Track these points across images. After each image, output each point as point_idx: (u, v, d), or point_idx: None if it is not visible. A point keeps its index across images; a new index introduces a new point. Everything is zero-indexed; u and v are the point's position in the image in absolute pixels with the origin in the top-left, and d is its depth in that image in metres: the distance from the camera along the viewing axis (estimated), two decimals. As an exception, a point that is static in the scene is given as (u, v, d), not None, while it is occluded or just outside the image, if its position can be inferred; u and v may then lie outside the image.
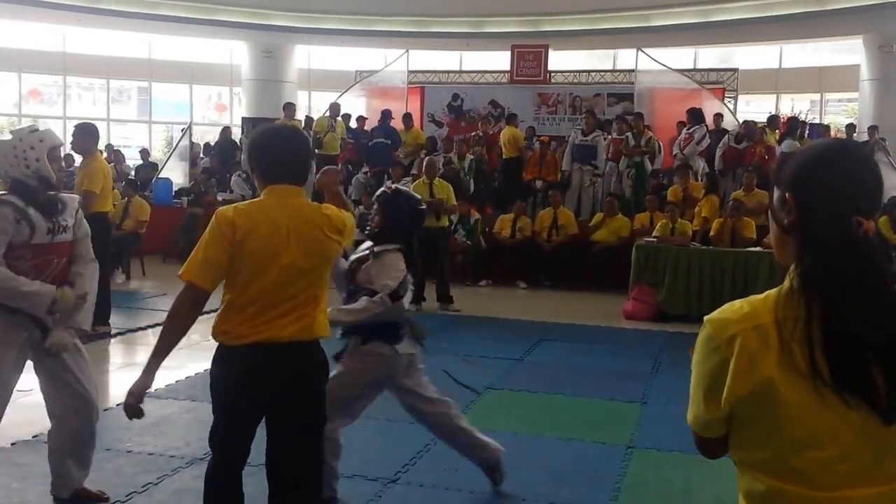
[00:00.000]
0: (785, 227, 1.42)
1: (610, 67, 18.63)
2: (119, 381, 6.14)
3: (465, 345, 7.47)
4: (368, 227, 3.83)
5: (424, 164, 9.76)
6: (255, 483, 3.07)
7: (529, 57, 15.65)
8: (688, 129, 12.37)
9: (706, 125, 12.39)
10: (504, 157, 12.75)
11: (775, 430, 1.38)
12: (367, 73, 16.79)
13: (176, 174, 15.49)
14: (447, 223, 9.39)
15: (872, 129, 13.34)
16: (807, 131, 13.66)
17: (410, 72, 15.96)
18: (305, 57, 21.30)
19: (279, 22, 18.95)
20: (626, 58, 17.67)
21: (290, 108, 13.81)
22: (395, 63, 16.11)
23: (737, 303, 1.46)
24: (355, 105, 15.84)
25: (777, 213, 1.44)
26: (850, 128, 13.63)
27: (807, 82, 18.38)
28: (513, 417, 5.46)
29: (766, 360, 1.35)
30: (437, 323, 8.51)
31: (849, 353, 1.30)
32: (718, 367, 1.41)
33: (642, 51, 14.87)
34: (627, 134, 11.88)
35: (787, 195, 1.41)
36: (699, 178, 11.60)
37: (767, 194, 6.37)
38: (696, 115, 12.42)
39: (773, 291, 1.41)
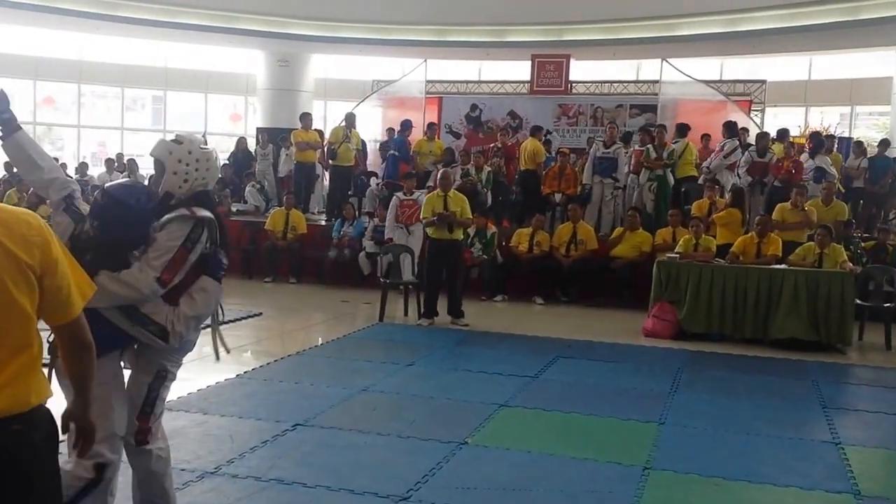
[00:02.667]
0: None
1: (633, 78, 18.66)
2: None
3: (479, 361, 7.49)
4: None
5: (439, 176, 9.81)
6: None
7: (550, 67, 15.72)
8: (720, 143, 12.36)
9: (738, 139, 12.34)
10: (522, 168, 12.76)
11: None
12: (384, 82, 16.91)
13: (189, 184, 15.60)
14: (460, 236, 9.42)
15: (906, 144, 13.28)
16: (835, 145, 13.59)
17: (428, 81, 16.05)
18: (322, 66, 21.50)
19: (296, 30, 19.12)
20: (649, 68, 17.67)
21: (306, 117, 13.90)
22: (412, 73, 16.21)
23: None
24: (372, 115, 15.95)
25: None
26: (884, 144, 13.50)
27: (837, 95, 18.29)
28: (526, 436, 5.45)
29: None
30: (450, 338, 8.57)
31: None
32: None
33: (667, 61, 14.87)
34: (648, 146, 11.87)
35: None
36: (725, 193, 11.57)
37: (814, 210, 6.41)
38: (730, 129, 12.40)
39: None
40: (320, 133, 13.94)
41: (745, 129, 13.44)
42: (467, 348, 8.12)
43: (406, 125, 13.78)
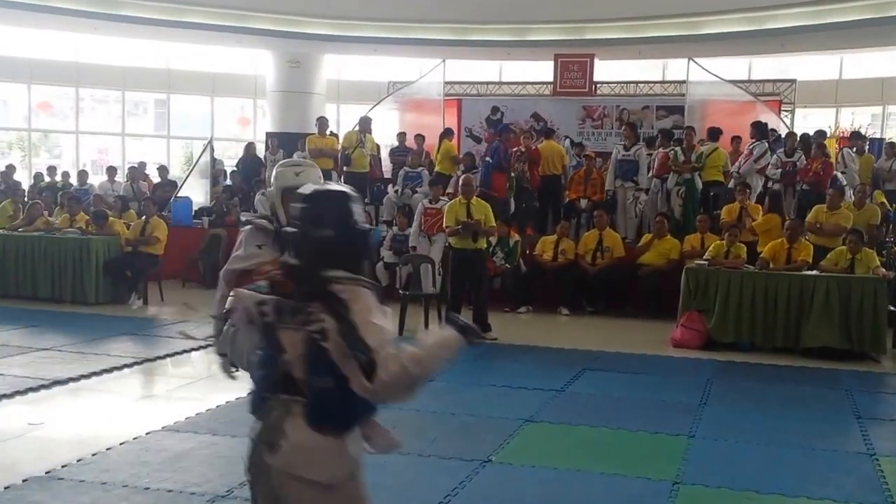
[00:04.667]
0: None
1: (659, 78, 18.75)
2: (138, 412, 6.31)
3: (503, 375, 7.64)
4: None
5: (461, 182, 9.92)
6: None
7: (574, 67, 15.83)
8: (749, 145, 12.44)
9: (768, 141, 12.42)
10: (541, 174, 12.87)
11: None
12: (401, 84, 17.02)
13: (196, 193, 15.85)
14: (484, 245, 9.56)
15: (938, 146, 13.32)
16: (867, 146, 13.67)
17: (447, 83, 16.16)
18: (335, 67, 21.61)
19: (307, 30, 19.20)
20: (676, 68, 17.78)
21: (322, 122, 14.01)
22: (430, 74, 16.31)
23: None
24: (388, 119, 16.05)
25: None
26: (917, 144, 13.57)
27: (868, 94, 18.33)
28: (553, 452, 5.60)
29: None
30: (473, 352, 8.63)
31: None
32: None
33: (694, 60, 14.98)
34: (676, 149, 11.98)
35: None
36: (755, 197, 11.68)
37: (850, 215, 6.54)
38: (760, 130, 12.45)
39: None
40: (335, 137, 14.05)
41: (774, 131, 13.52)
42: (490, 362, 8.28)
43: (504, 128, 13.51)
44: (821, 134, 12.93)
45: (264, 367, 2.47)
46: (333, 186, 2.65)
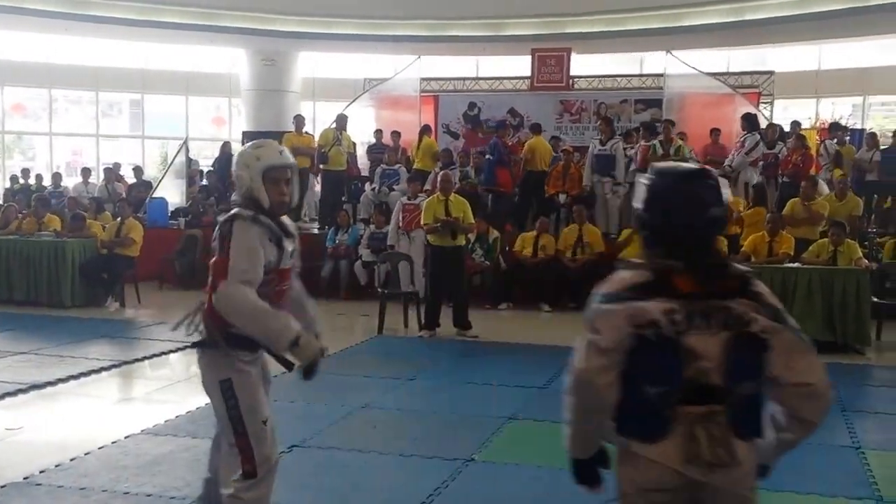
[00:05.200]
0: None
1: (637, 72, 18.74)
2: (116, 416, 6.23)
3: (484, 373, 7.58)
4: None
5: (439, 178, 9.86)
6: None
7: (551, 61, 15.80)
8: (741, 137, 12.45)
9: (759, 133, 12.42)
10: (529, 170, 12.85)
11: None
12: (377, 81, 16.95)
13: (172, 193, 15.71)
14: (464, 242, 9.50)
15: (919, 135, 13.38)
16: (847, 137, 13.73)
17: (423, 79, 16.10)
18: (310, 65, 21.51)
19: (282, 27, 19.12)
20: (654, 62, 17.79)
21: (299, 119, 13.95)
22: (406, 70, 16.24)
23: None
24: (364, 116, 15.98)
25: None
26: (898, 134, 13.65)
27: (848, 84, 18.41)
28: (536, 450, 5.52)
29: None
30: (453, 350, 8.67)
31: None
32: None
33: (671, 53, 14.98)
34: (655, 142, 11.97)
35: None
36: (748, 190, 11.70)
37: (825, 204, 6.54)
38: (750, 122, 12.45)
39: None
40: (311, 136, 13.97)
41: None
42: (471, 360, 8.22)
43: (501, 125, 13.58)
44: (796, 125, 12.95)
45: (663, 381, 2.21)
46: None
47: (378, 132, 14.47)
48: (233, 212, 3.29)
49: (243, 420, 3.24)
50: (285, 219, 3.42)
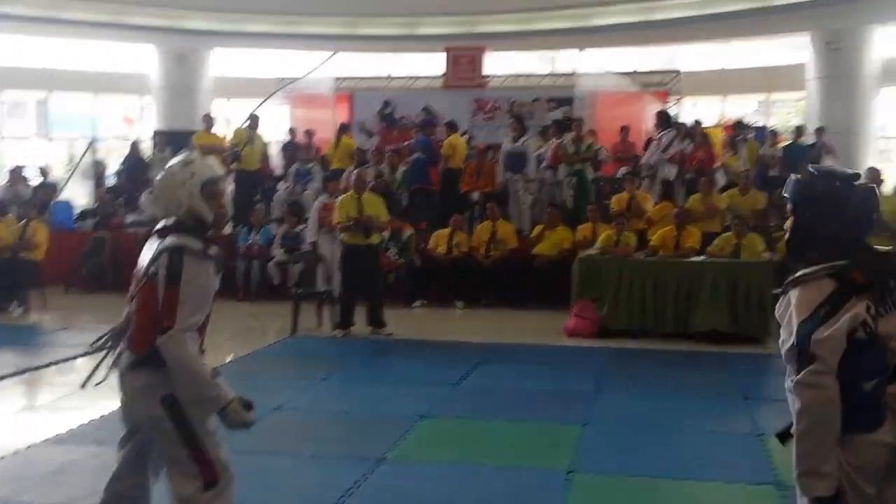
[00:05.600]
0: None
1: (549, 71, 18.97)
2: (21, 424, 6.03)
3: (397, 371, 7.57)
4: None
5: (354, 176, 9.81)
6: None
7: (464, 60, 15.88)
8: (657, 135, 12.70)
9: (675, 129, 12.68)
10: (446, 168, 12.89)
11: None
12: (291, 79, 16.77)
13: (79, 195, 15.25)
14: (378, 241, 9.46)
15: (819, 131, 13.90)
16: (751, 134, 14.18)
17: (337, 78, 16.00)
18: (223, 62, 21.11)
19: (193, 24, 18.71)
20: (566, 61, 18.04)
21: (208, 118, 13.73)
22: (321, 69, 16.12)
23: None
24: (278, 114, 15.80)
25: None
26: (799, 130, 14.16)
27: (753, 83, 18.99)
28: (448, 447, 5.56)
29: None
30: (367, 349, 8.63)
31: None
32: None
33: (582, 52, 15.20)
34: (566, 140, 12.14)
35: None
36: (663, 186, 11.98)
37: (724, 199, 6.80)
38: (665, 119, 12.70)
39: None
40: (222, 135, 13.76)
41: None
42: (385, 358, 8.19)
43: (428, 123, 13.52)
44: (698, 123, 13.31)
45: (876, 373, 2.40)
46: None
47: (292, 131, 14.31)
48: (179, 242, 3.11)
49: (196, 433, 3.13)
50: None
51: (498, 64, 17.64)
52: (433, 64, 17.14)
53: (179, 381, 3.06)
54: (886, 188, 10.03)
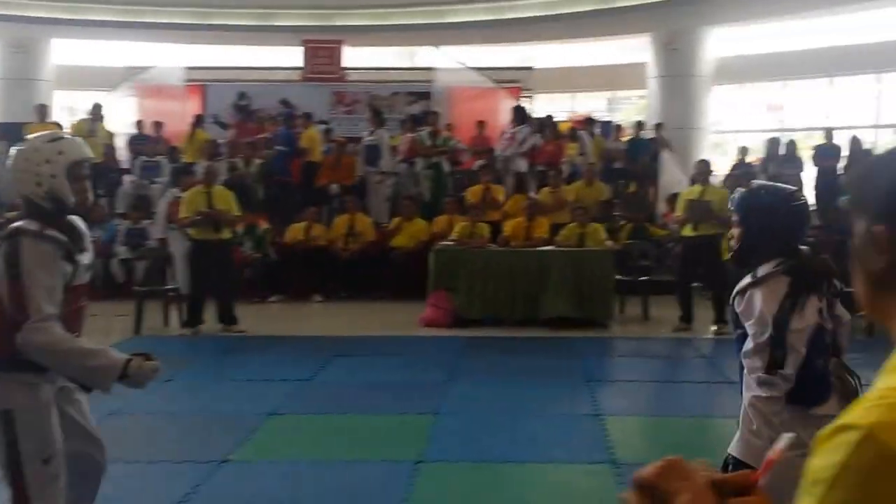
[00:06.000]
0: (877, 275, 1.03)
1: (408, 65, 18.95)
2: None
3: (247, 368, 7.33)
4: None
5: (204, 170, 9.45)
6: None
7: (322, 53, 15.61)
8: (511, 129, 12.82)
9: (529, 125, 12.84)
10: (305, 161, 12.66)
11: None
12: (139, 69, 16.03)
13: None
14: (229, 235, 9.12)
15: (658, 127, 14.47)
16: (598, 129, 14.62)
17: (189, 68, 15.41)
18: (65, 52, 19.93)
19: (33, 12, 17.59)
20: (424, 55, 18.07)
21: (41, 109, 13.05)
22: (171, 59, 15.48)
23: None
24: (125, 106, 15.07)
25: (863, 256, 1.06)
26: (639, 125, 14.71)
27: (599, 80, 19.61)
28: (296, 444, 5.42)
29: None
30: (217, 347, 8.31)
31: None
32: None
33: (438, 48, 15.24)
34: (423, 133, 12.14)
35: (874, 229, 1.03)
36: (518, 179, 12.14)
37: (572, 191, 6.97)
38: (520, 114, 12.85)
39: None
40: (58, 126, 12.96)
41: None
42: (236, 356, 7.92)
43: (290, 116, 13.15)
44: (550, 118, 13.60)
45: (825, 349, 2.74)
46: None
47: (139, 122, 13.68)
48: (14, 226, 2.83)
49: (21, 464, 2.82)
50: (79, 221, 3.05)
51: (358, 57, 17.48)
52: (291, 56, 16.79)
53: (60, 368, 2.81)
54: (717, 180, 10.49)
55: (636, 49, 19.09)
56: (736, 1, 15.45)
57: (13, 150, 3.03)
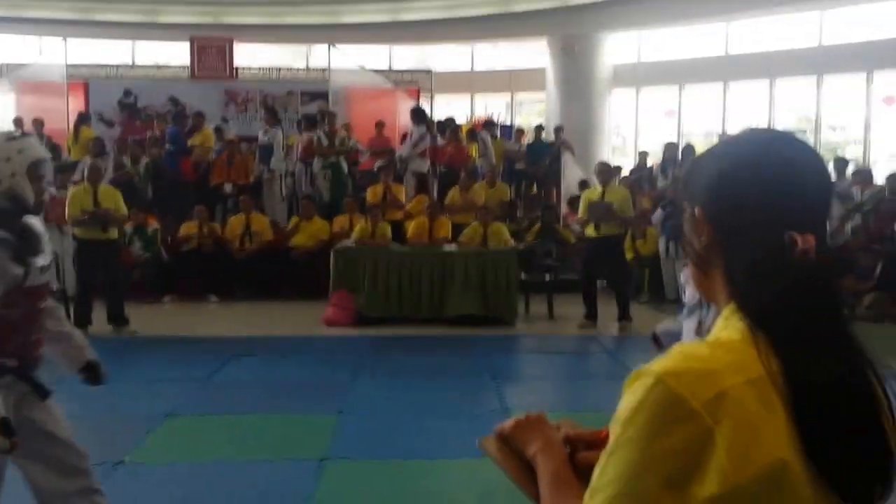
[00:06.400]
0: (700, 255, 1.14)
1: (304, 65, 18.70)
2: None
3: (143, 369, 7.03)
4: None
5: (87, 168, 9.07)
6: None
7: (212, 51, 15.21)
8: (410, 130, 12.81)
9: (427, 126, 12.83)
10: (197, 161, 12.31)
11: None
12: (17, 65, 15.30)
13: None
14: (116, 235, 8.77)
15: (558, 130, 14.72)
16: (499, 131, 14.77)
17: (71, 65, 14.77)
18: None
19: None
20: (320, 55, 17.87)
21: None
22: (51, 55, 14.82)
23: (699, 346, 1.07)
24: (3, 103, 14.35)
25: (689, 238, 1.16)
26: (539, 128, 14.94)
27: (499, 84, 19.86)
28: (195, 446, 5.23)
29: (773, 432, 0.97)
30: (108, 348, 7.86)
31: (846, 439, 1.00)
32: (692, 443, 0.97)
33: (334, 47, 15.09)
34: (319, 133, 12.00)
35: (696, 211, 1.13)
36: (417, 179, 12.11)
37: (480, 193, 6.97)
38: (418, 116, 12.84)
39: (738, 330, 1.06)
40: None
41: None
42: (129, 357, 7.57)
43: (179, 114, 12.87)
44: (451, 120, 13.67)
45: None
46: None
47: (18, 120, 13.04)
48: None
49: None
50: (36, 223, 2.96)
51: (251, 56, 17.14)
52: (181, 52, 16.32)
53: None
54: (616, 181, 10.73)
55: (536, 53, 19.43)
56: (631, 8, 15.90)
57: None
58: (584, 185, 12.19)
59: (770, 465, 0.96)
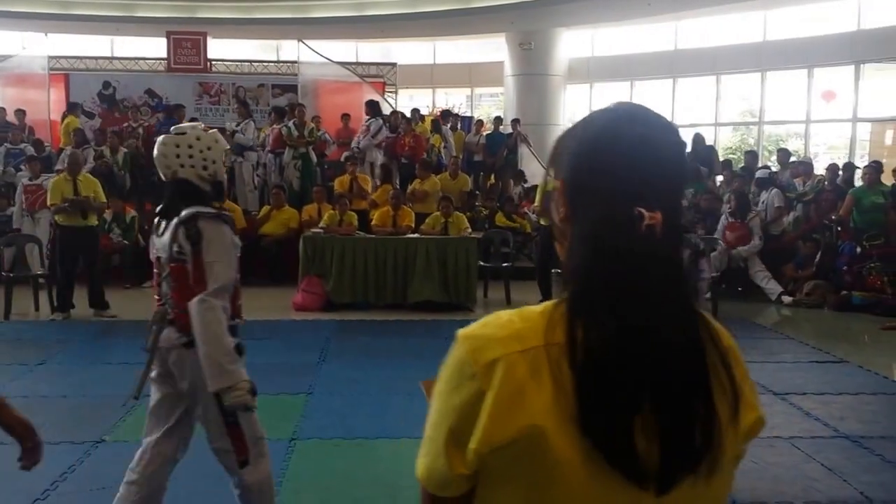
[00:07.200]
0: (558, 227, 1.13)
1: (275, 58, 18.64)
2: None
3: (122, 352, 7.05)
4: None
5: (67, 158, 9.03)
6: None
7: (187, 44, 15.13)
8: (366, 122, 12.83)
9: (382, 118, 12.90)
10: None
11: (539, 497, 1.02)
12: (1, 58, 15.08)
13: None
14: (96, 222, 8.76)
15: (515, 122, 14.85)
16: (459, 124, 14.86)
17: (52, 57, 14.60)
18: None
19: None
20: (290, 49, 17.83)
21: None
22: (33, 47, 14.63)
23: (505, 314, 1.10)
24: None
25: (552, 210, 1.15)
26: (497, 120, 15.05)
27: (459, 78, 19.92)
28: (172, 424, 5.27)
29: (536, 400, 1.00)
30: (89, 331, 7.97)
31: (609, 399, 0.99)
32: (471, 402, 1.03)
33: (303, 42, 15.08)
34: (289, 125, 12.02)
35: (557, 184, 1.12)
36: (374, 169, 12.13)
37: (437, 182, 7.07)
38: (373, 108, 12.90)
39: (552, 303, 1.08)
40: None
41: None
42: (109, 340, 7.62)
43: (175, 108, 12.81)
44: (414, 112, 13.74)
45: None
46: None
47: (1, 110, 12.86)
48: (190, 212, 2.90)
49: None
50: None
51: (224, 49, 17.04)
52: (157, 46, 16.18)
53: (202, 345, 2.86)
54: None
55: (495, 48, 19.51)
56: (585, 5, 16.06)
57: (164, 138, 3.11)
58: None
59: (525, 428, 0.99)
